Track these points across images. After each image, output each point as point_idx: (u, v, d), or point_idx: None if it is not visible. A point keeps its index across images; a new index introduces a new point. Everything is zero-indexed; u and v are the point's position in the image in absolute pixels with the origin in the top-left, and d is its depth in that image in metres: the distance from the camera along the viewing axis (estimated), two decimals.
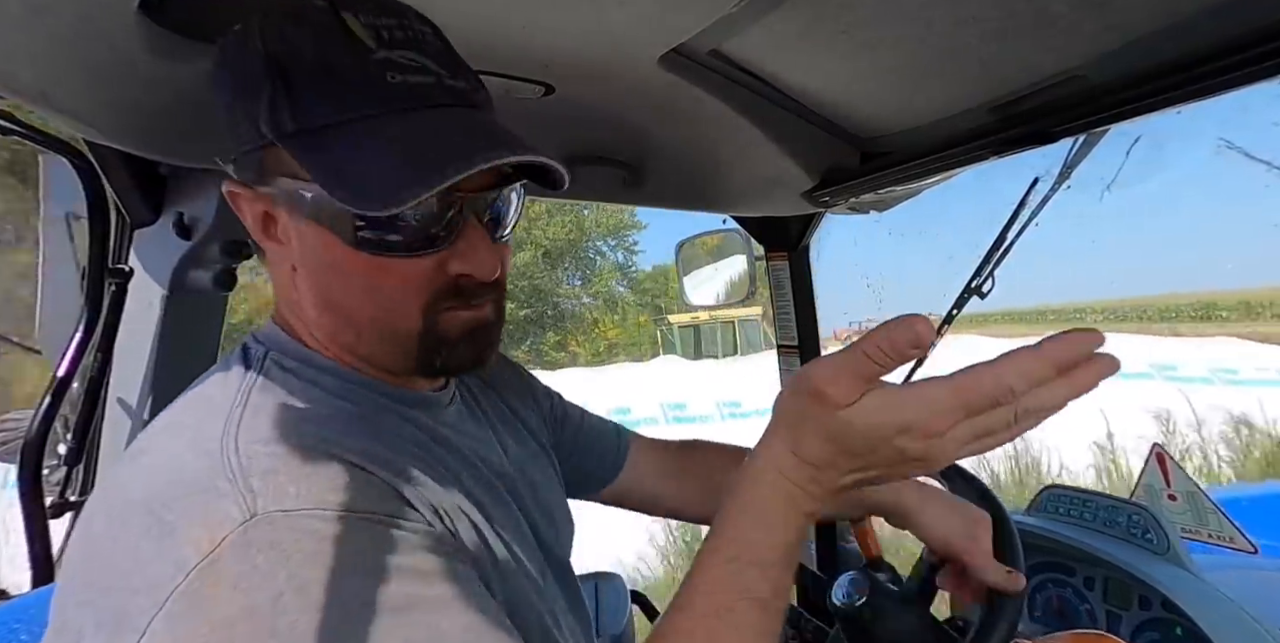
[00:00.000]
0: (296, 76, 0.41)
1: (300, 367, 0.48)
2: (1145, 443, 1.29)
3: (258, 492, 0.36)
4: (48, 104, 0.67)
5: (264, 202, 0.46)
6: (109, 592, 0.35)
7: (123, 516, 0.38)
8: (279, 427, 0.41)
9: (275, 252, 0.48)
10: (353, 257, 0.44)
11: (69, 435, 0.97)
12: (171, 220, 0.96)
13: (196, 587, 0.33)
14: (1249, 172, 54.30)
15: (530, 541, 0.56)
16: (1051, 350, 0.38)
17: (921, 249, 31.03)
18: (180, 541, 0.35)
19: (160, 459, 0.40)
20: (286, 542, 0.35)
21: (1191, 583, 0.88)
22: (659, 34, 0.66)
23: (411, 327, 0.47)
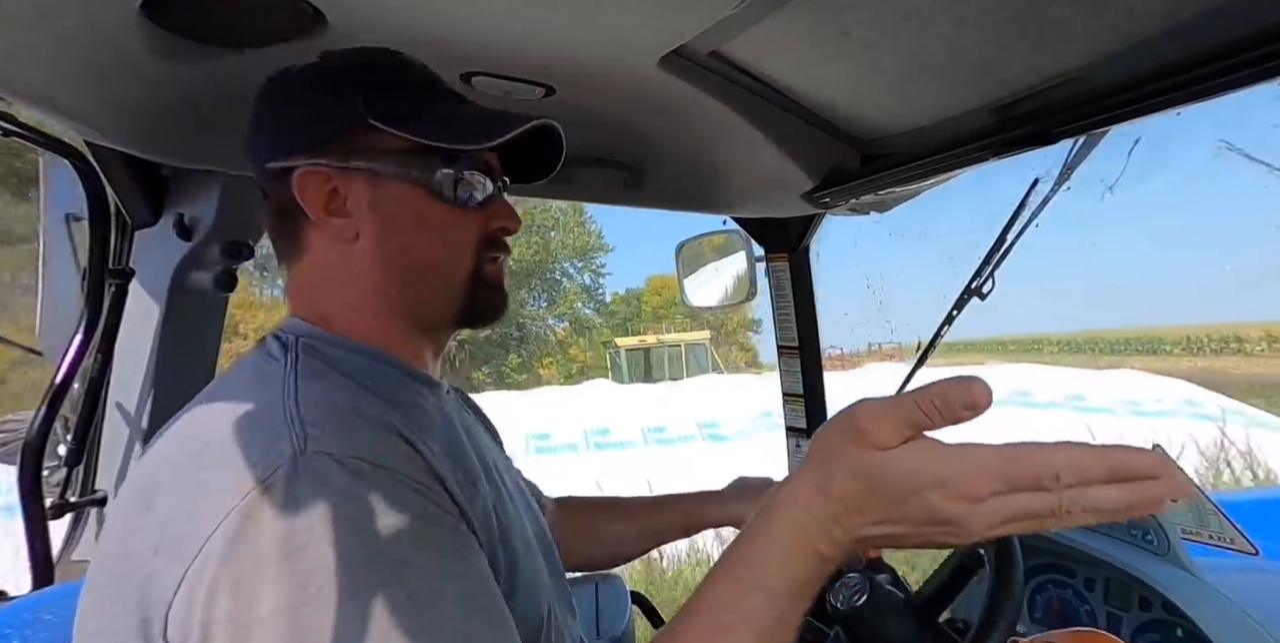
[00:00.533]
0: (377, 78, 0.56)
1: (332, 349, 0.54)
2: None
3: (310, 436, 0.42)
4: (50, 105, 0.67)
5: (336, 180, 0.54)
6: (172, 520, 0.41)
7: (190, 454, 0.44)
8: (328, 389, 0.48)
9: (335, 226, 0.55)
10: (434, 207, 0.56)
11: (69, 437, 0.97)
12: (172, 221, 0.97)
13: (248, 509, 0.39)
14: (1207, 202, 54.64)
15: (524, 523, 0.61)
16: (1110, 454, 0.36)
17: (921, 250, 31.19)
18: (241, 471, 0.40)
19: (221, 413, 0.46)
20: (327, 478, 0.41)
21: (1192, 584, 0.88)
22: (659, 36, 0.67)
23: (465, 270, 0.59)
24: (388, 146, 0.55)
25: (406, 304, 0.58)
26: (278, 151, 0.55)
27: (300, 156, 0.54)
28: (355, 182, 0.55)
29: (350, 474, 0.41)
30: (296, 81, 0.57)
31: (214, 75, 0.70)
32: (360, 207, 0.55)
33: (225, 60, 0.67)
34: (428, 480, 0.45)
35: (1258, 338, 24.71)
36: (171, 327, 1.00)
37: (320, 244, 0.57)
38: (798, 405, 1.40)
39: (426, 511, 0.44)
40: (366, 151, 0.54)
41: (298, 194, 0.54)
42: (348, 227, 0.55)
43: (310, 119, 0.55)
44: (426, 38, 0.65)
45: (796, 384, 1.39)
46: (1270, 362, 21.75)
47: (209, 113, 0.77)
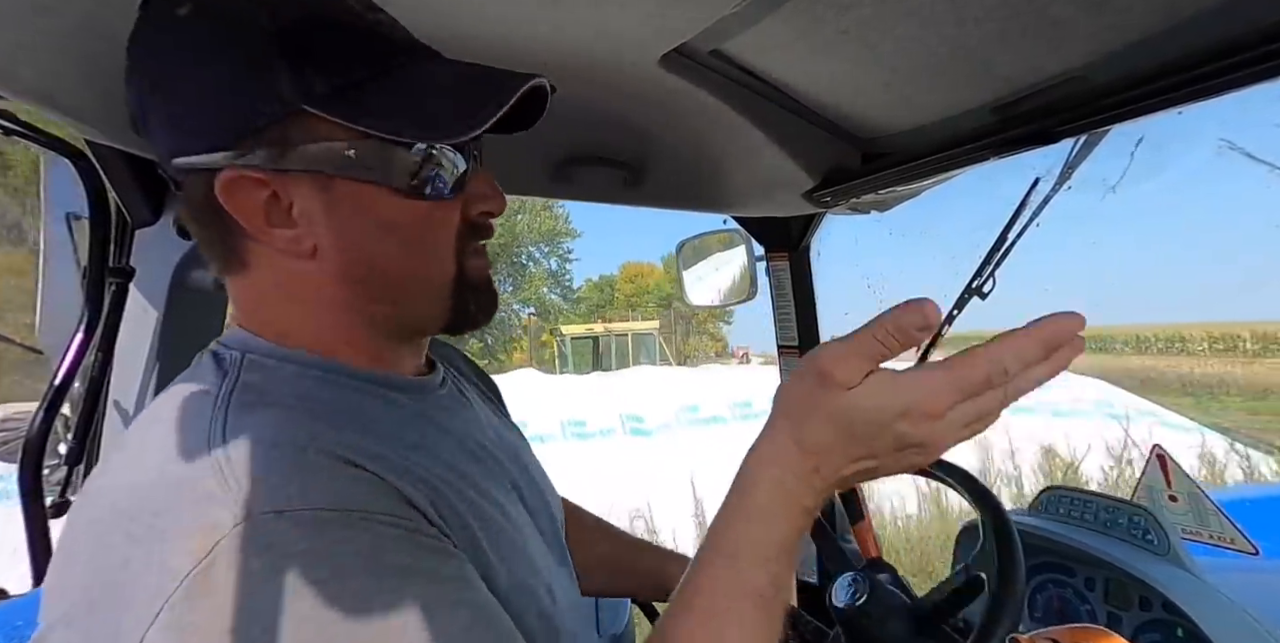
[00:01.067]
0: (313, 43, 0.42)
1: (280, 364, 0.46)
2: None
3: (249, 493, 0.35)
4: (50, 104, 0.67)
5: (273, 184, 0.43)
6: (97, 607, 0.34)
7: (108, 526, 0.36)
8: (266, 425, 0.40)
9: (281, 238, 0.45)
10: (402, 207, 0.45)
11: (69, 435, 0.97)
12: (172, 220, 0.97)
13: (191, 595, 0.33)
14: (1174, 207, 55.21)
15: (525, 516, 0.56)
16: (1043, 332, 0.39)
17: (922, 249, 31.45)
18: (171, 548, 0.34)
19: (144, 465, 0.39)
20: (282, 544, 0.34)
21: (1192, 584, 0.88)
22: (660, 34, 0.66)
23: (447, 275, 0.49)
24: (334, 135, 0.43)
25: (382, 319, 0.49)
26: (183, 143, 0.43)
27: (218, 152, 0.42)
28: (299, 183, 0.44)
29: (306, 529, 0.35)
30: (190, 41, 0.42)
31: None
32: (310, 215, 0.44)
33: None
34: (399, 509, 0.40)
35: (1199, 338, 26.34)
36: (172, 325, 1.00)
37: (265, 260, 0.46)
38: None
39: (402, 547, 0.38)
40: (306, 142, 0.42)
41: (225, 203, 0.43)
42: (298, 239, 0.45)
43: (222, 102, 0.41)
44: (425, 37, 0.65)
45: None
46: (1207, 361, 23.02)
47: None
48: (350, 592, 0.34)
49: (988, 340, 0.39)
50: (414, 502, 0.41)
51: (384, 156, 0.44)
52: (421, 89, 0.44)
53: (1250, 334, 25.02)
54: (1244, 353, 23.79)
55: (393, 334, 0.52)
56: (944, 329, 1.26)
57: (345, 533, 0.36)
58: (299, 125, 0.42)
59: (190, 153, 0.42)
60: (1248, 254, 53.22)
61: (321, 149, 0.43)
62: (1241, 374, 19.32)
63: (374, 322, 0.50)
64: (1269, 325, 25.58)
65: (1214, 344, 25.42)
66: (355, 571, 0.35)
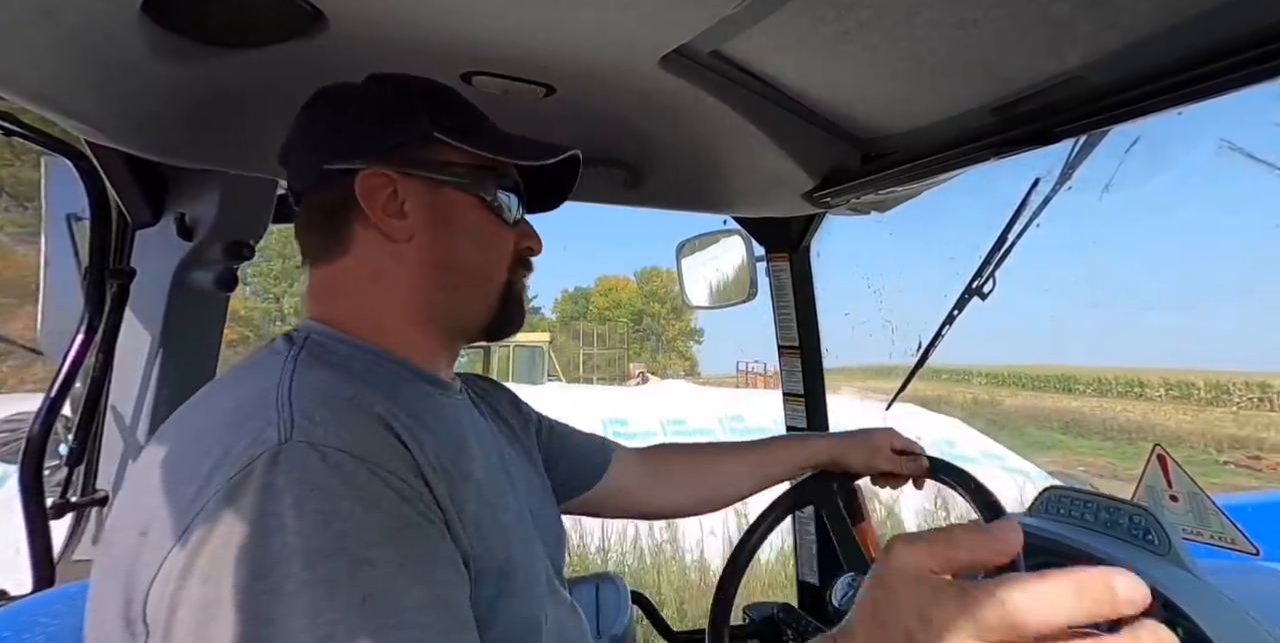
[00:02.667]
0: (441, 98, 0.62)
1: (339, 345, 0.56)
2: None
3: (296, 424, 0.43)
4: (51, 105, 0.67)
5: (397, 184, 0.57)
6: (169, 495, 0.42)
7: (188, 439, 0.46)
8: (323, 379, 0.50)
9: (390, 226, 0.57)
10: (483, 218, 0.61)
11: (70, 436, 0.97)
12: (173, 221, 0.97)
13: (230, 493, 0.40)
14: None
15: (529, 527, 0.61)
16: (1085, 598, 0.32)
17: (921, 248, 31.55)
18: (230, 456, 0.42)
19: (220, 401, 0.49)
20: (305, 469, 0.41)
21: (1193, 585, 0.88)
22: (660, 35, 0.66)
23: (501, 280, 0.63)
24: (447, 159, 0.59)
25: (442, 307, 0.60)
26: (338, 154, 0.57)
27: (363, 160, 0.57)
28: (415, 187, 0.58)
29: (329, 467, 0.42)
30: (359, 92, 0.61)
31: (215, 75, 0.70)
32: (417, 210, 0.58)
33: (226, 60, 0.67)
34: (409, 477, 0.45)
35: (1157, 383, 26.87)
36: (172, 326, 1.00)
37: (370, 242, 0.58)
38: (798, 405, 1.40)
39: (399, 511, 0.43)
40: (427, 161, 0.59)
41: (360, 194, 0.56)
42: (403, 227, 0.58)
43: (377, 127, 0.58)
44: (427, 37, 0.65)
45: (797, 384, 1.39)
46: (1163, 407, 23.54)
47: (210, 112, 0.77)
48: (338, 528, 0.40)
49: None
50: (425, 476, 0.47)
51: (480, 178, 0.60)
52: (508, 138, 0.63)
53: (1204, 382, 25.54)
54: (1197, 401, 24.36)
55: (443, 330, 0.62)
56: (944, 329, 1.26)
57: (357, 479, 0.42)
58: (424, 148, 0.59)
59: (342, 161, 0.57)
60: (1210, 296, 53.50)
61: (438, 164, 0.59)
62: (1159, 421, 19.89)
63: (433, 312, 0.60)
64: (1222, 374, 25.97)
65: (1170, 390, 25.99)
66: (350, 514, 0.41)
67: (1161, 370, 28.16)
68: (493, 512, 0.53)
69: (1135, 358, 44.63)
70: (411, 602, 0.41)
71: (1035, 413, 21.30)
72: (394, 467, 0.45)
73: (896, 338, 4.13)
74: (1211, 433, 17.85)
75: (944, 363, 8.03)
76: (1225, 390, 24.04)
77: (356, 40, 0.65)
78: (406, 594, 0.41)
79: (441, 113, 0.59)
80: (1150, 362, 43.59)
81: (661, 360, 40.90)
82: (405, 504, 0.44)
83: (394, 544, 0.42)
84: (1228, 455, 15.09)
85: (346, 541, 0.40)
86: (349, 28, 0.63)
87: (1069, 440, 17.73)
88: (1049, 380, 29.42)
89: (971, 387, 28.48)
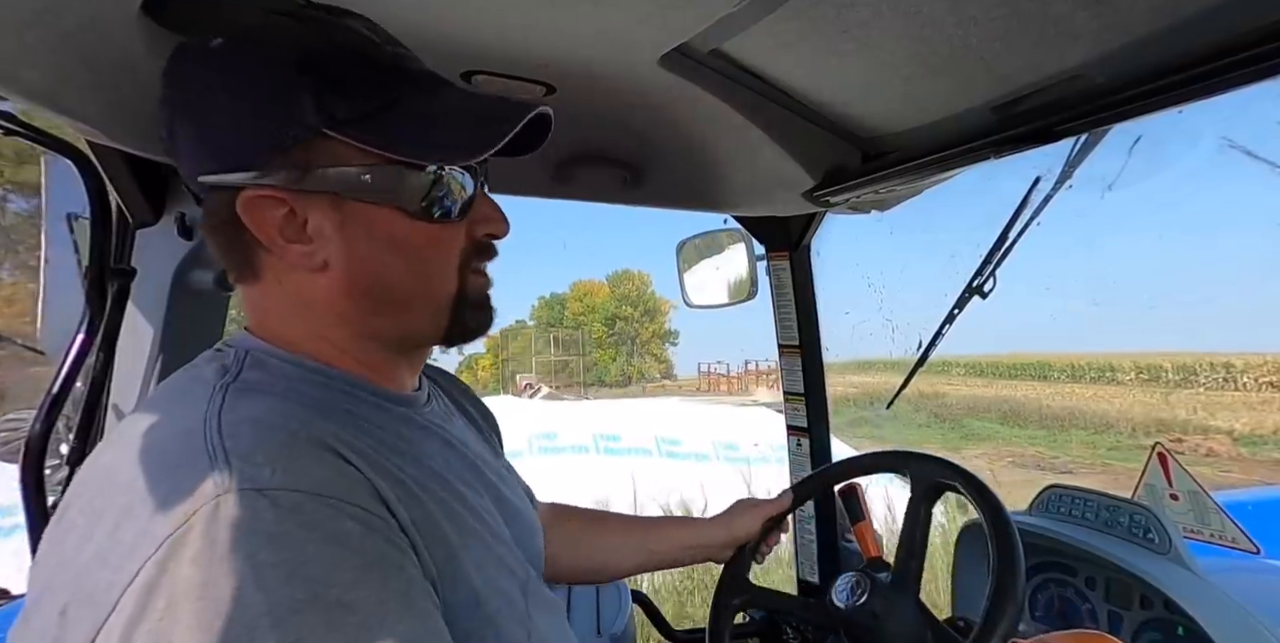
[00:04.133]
0: (336, 72, 0.45)
1: (280, 364, 0.49)
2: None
3: (234, 469, 0.37)
4: (51, 105, 0.67)
5: (291, 202, 0.46)
6: (91, 566, 0.36)
7: (107, 496, 0.39)
8: (260, 408, 0.43)
9: (295, 253, 0.48)
10: (410, 228, 0.49)
11: (71, 436, 0.97)
12: (173, 220, 0.97)
13: (164, 559, 0.34)
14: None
15: (503, 527, 0.56)
16: None
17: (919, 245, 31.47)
18: (158, 515, 0.36)
19: (143, 442, 0.41)
20: (252, 520, 0.36)
21: (1193, 583, 0.88)
22: (660, 34, 0.66)
23: (449, 291, 0.52)
24: (351, 159, 0.46)
25: (384, 330, 0.52)
26: (208, 162, 0.46)
27: (240, 173, 0.45)
28: (315, 203, 0.47)
29: (280, 510, 0.37)
30: (221, 64, 0.45)
31: None
32: (324, 232, 0.47)
33: None
34: (372, 505, 0.41)
35: (1128, 367, 26.73)
36: (173, 326, 1.00)
37: (278, 272, 0.49)
38: (798, 404, 1.40)
39: (368, 545, 0.39)
40: (325, 165, 0.46)
41: (245, 219, 0.46)
42: (311, 254, 0.48)
43: (248, 125, 0.45)
44: (426, 37, 0.65)
45: (797, 383, 1.39)
46: (1139, 391, 23.56)
47: None
48: (301, 578, 0.35)
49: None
50: (388, 503, 0.43)
51: (397, 180, 0.47)
52: (435, 116, 0.47)
53: (1171, 365, 25.56)
54: (1165, 383, 24.44)
55: (390, 347, 0.54)
56: (944, 328, 1.26)
57: (315, 518, 0.38)
58: (320, 148, 0.46)
59: (215, 172, 0.46)
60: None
61: (338, 172, 0.46)
62: (1090, 409, 19.91)
63: (374, 334, 0.52)
64: (1189, 356, 25.92)
65: (1140, 374, 25.98)
66: (316, 558, 0.36)
67: (1132, 354, 28.27)
68: (460, 531, 0.49)
69: (1107, 344, 44.65)
70: (400, 638, 0.37)
71: (979, 404, 21.50)
72: (354, 497, 0.40)
73: (869, 330, 4.01)
74: (1140, 417, 18.11)
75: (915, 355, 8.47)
76: (1192, 372, 24.28)
77: None
78: (393, 631, 0.37)
79: (333, 93, 0.44)
80: (1121, 347, 43.60)
81: (637, 364, 40.78)
82: (373, 535, 0.40)
83: (372, 581, 0.38)
84: (1153, 439, 15.54)
85: (318, 588, 0.35)
86: None
87: (1005, 431, 17.91)
88: (1026, 368, 29.68)
89: (950, 378, 28.47)
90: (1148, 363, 26.42)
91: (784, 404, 1.43)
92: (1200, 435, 15.65)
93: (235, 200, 0.46)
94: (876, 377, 20.82)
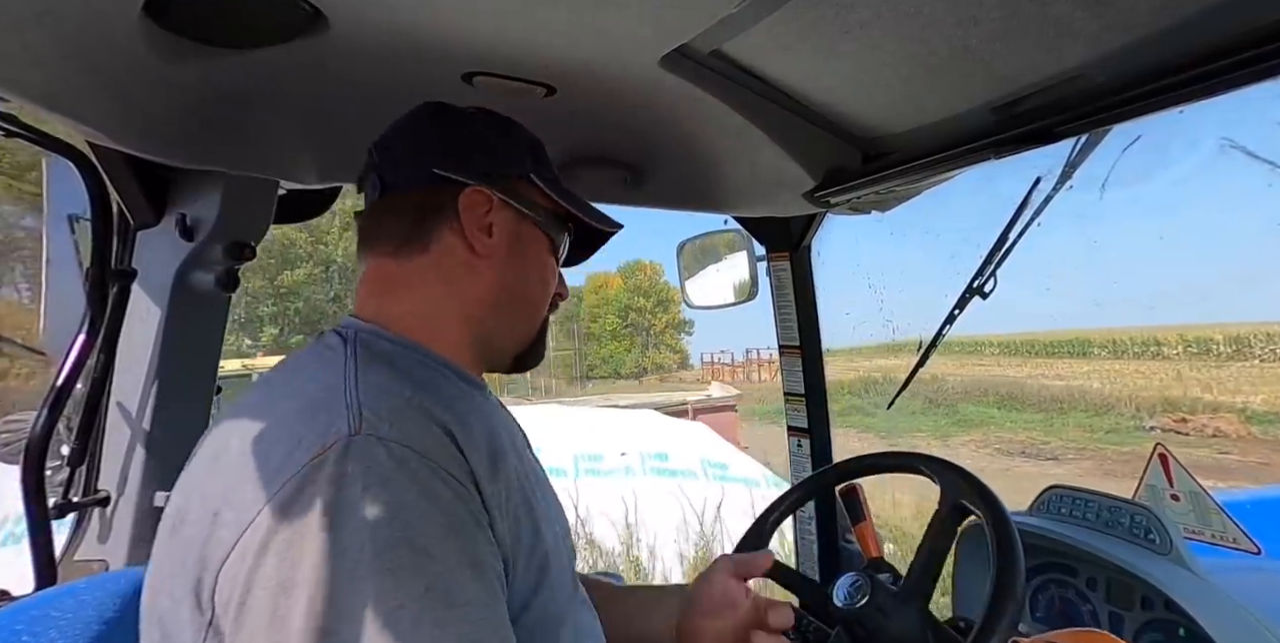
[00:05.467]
0: (539, 151, 0.69)
1: (385, 344, 0.58)
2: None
3: (364, 419, 0.46)
4: (52, 106, 0.67)
5: (494, 208, 0.63)
6: (234, 486, 0.45)
7: (258, 424, 0.48)
8: (383, 375, 0.52)
9: (478, 240, 0.62)
10: (545, 257, 0.68)
11: (72, 437, 0.97)
12: (174, 222, 0.97)
13: (304, 479, 0.42)
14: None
15: (563, 522, 0.64)
16: None
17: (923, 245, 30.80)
18: (304, 444, 0.44)
19: (286, 394, 0.51)
20: (374, 461, 0.44)
21: (1194, 584, 0.88)
22: (660, 35, 0.67)
23: (540, 318, 0.69)
24: (535, 199, 0.66)
25: (492, 326, 0.64)
26: (452, 164, 0.62)
27: (472, 177, 0.62)
28: (505, 214, 0.64)
29: (394, 460, 0.44)
30: (473, 117, 0.67)
31: (216, 75, 0.70)
32: (502, 234, 0.63)
33: (227, 61, 0.67)
34: (463, 478, 0.48)
35: (1174, 341, 25.13)
36: (174, 327, 1.00)
37: (451, 249, 0.62)
38: (798, 405, 1.40)
39: (456, 510, 0.46)
40: (521, 196, 0.65)
41: (463, 204, 0.61)
42: (487, 245, 0.62)
43: (494, 153, 0.65)
44: (428, 38, 0.66)
45: (798, 384, 1.39)
46: (1184, 365, 22.16)
47: (211, 113, 0.77)
48: (404, 521, 0.43)
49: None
50: (476, 477, 0.49)
51: (556, 225, 0.68)
52: (576, 196, 0.70)
53: (1223, 336, 23.95)
54: (1217, 356, 23.00)
55: (483, 347, 0.65)
56: (945, 329, 1.26)
57: (419, 473, 0.45)
58: (524, 187, 0.66)
59: (454, 170, 0.62)
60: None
61: (529, 202, 0.65)
62: (1088, 388, 18.78)
63: (483, 328, 0.64)
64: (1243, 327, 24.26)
65: (1188, 347, 24.50)
66: (414, 506, 0.44)
67: (1180, 327, 26.39)
68: (531, 513, 0.55)
69: (1152, 317, 42.09)
70: (468, 597, 0.43)
71: (978, 387, 20.18)
72: (451, 467, 0.47)
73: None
74: (1147, 396, 17.00)
75: (957, 335, 7.79)
76: (1246, 344, 22.77)
77: (357, 41, 0.66)
78: (464, 590, 0.43)
79: (538, 159, 0.67)
80: (1168, 319, 40.69)
81: (652, 356, 40.46)
82: (460, 504, 0.47)
83: (453, 540, 0.45)
84: (1154, 421, 14.66)
85: (411, 532, 0.42)
86: (349, 29, 0.63)
87: (1001, 415, 17.12)
88: (1063, 346, 28.25)
89: (982, 358, 27.04)
90: (1196, 335, 24.62)
91: (785, 405, 1.43)
92: (1209, 414, 14.77)
93: (459, 192, 0.61)
94: (886, 361, 19.97)
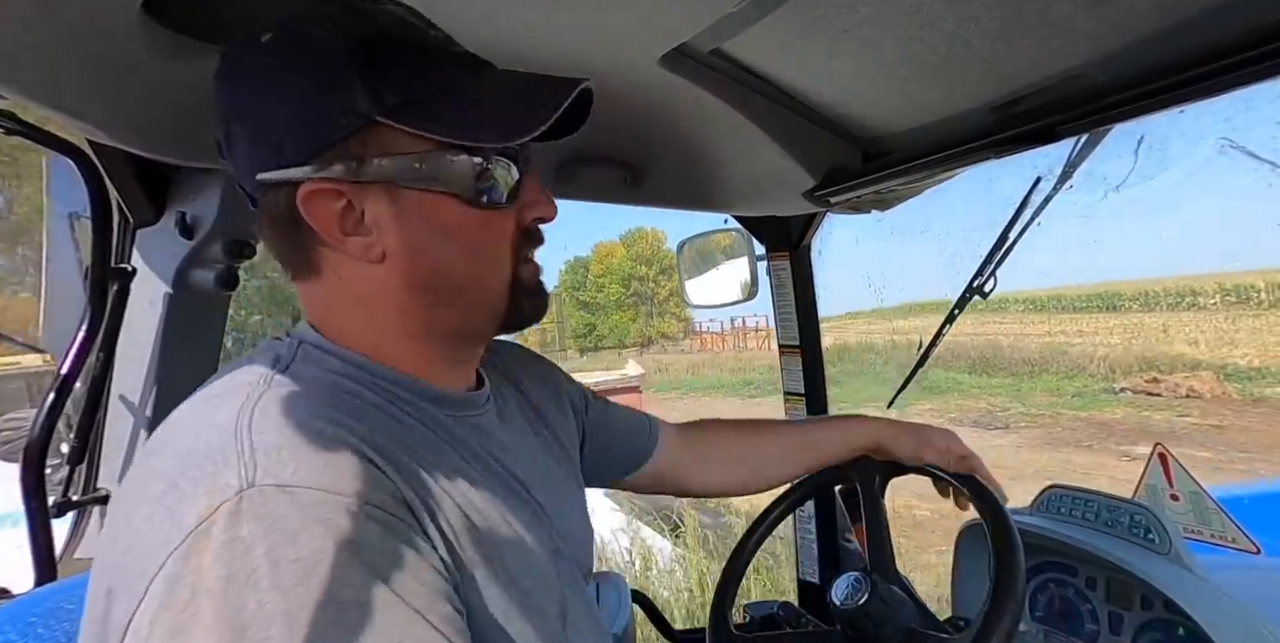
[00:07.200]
0: (381, 58, 0.46)
1: (329, 359, 0.50)
2: None
3: (259, 465, 0.38)
4: (52, 104, 0.67)
5: (348, 195, 0.47)
6: (128, 553, 0.38)
7: (146, 484, 0.40)
8: (295, 408, 0.43)
9: (354, 245, 0.48)
10: (464, 214, 0.49)
11: (71, 435, 0.97)
12: (174, 220, 0.97)
13: (188, 551, 0.35)
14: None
15: (548, 545, 0.55)
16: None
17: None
18: (186, 506, 0.37)
19: (181, 434, 0.43)
20: (274, 514, 0.36)
21: (1194, 583, 0.87)
22: (660, 33, 0.66)
23: (505, 278, 0.53)
24: (404, 147, 0.46)
25: (441, 322, 0.52)
26: (266, 159, 0.46)
27: (298, 168, 0.46)
28: (372, 193, 0.47)
29: (301, 508, 0.37)
30: (272, 65, 0.46)
31: None
32: (381, 223, 0.48)
33: None
34: (392, 506, 0.41)
35: (1211, 290, 22.64)
36: (173, 325, 1.00)
37: (338, 265, 0.50)
38: (798, 405, 1.40)
39: (387, 547, 0.39)
40: (379, 155, 0.46)
41: (305, 214, 0.47)
42: (370, 246, 0.48)
43: (303, 119, 0.45)
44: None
45: (797, 383, 1.39)
46: (1221, 314, 19.77)
47: (211, 111, 0.77)
48: (317, 578, 0.36)
49: None
50: (411, 505, 0.43)
51: (448, 165, 0.47)
52: (482, 98, 0.48)
53: (1265, 283, 20.90)
54: (1257, 304, 20.27)
55: (449, 342, 0.54)
56: (945, 329, 1.26)
57: (334, 517, 0.38)
58: (373, 137, 0.46)
59: (274, 168, 0.46)
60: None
61: (393, 160, 0.46)
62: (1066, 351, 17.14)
63: (432, 329, 0.52)
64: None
65: (1225, 296, 21.82)
66: (329, 557, 0.36)
67: (1217, 275, 23.87)
68: (491, 534, 0.48)
69: (1187, 266, 39.72)
70: (415, 640, 0.37)
71: (954, 351, 18.30)
72: (375, 498, 0.40)
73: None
74: (1122, 355, 15.69)
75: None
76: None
77: None
78: (408, 633, 0.37)
79: (382, 79, 0.45)
80: (1205, 268, 38.13)
81: (656, 325, 39.64)
82: (392, 538, 0.40)
83: (388, 584, 0.37)
84: (1123, 382, 13.58)
85: (333, 589, 0.35)
86: None
87: (970, 380, 16.21)
88: (1092, 300, 26.40)
89: (1005, 316, 25.59)
90: (1235, 284, 22.00)
91: (784, 404, 1.43)
92: (1186, 373, 13.48)
93: (294, 196, 0.46)
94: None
